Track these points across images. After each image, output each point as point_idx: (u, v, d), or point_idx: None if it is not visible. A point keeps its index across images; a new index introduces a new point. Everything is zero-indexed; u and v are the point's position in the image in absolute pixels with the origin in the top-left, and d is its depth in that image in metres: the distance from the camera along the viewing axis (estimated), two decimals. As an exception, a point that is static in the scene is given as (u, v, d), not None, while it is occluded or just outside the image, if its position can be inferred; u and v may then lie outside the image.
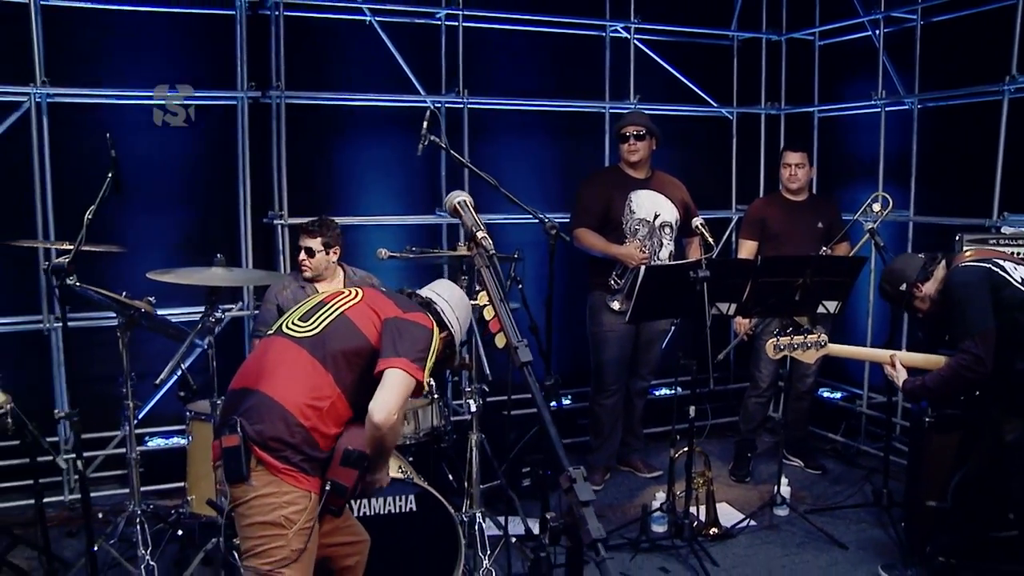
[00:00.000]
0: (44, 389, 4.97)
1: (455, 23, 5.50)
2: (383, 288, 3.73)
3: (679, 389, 5.06)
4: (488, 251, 2.30)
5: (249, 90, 5.15)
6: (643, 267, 4.46)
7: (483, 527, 4.13)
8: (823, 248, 5.13)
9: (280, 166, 5.15)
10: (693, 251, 5.38)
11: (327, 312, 2.92)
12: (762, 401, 5.64)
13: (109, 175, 3.68)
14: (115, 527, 4.12)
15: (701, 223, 4.51)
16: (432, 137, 3.93)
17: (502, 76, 5.85)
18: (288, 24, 5.13)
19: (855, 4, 5.89)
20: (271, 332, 3.02)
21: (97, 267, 4.54)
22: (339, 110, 5.47)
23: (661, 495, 4.72)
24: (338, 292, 3.05)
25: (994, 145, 5.05)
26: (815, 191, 5.94)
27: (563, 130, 6.09)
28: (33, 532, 4.22)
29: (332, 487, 2.73)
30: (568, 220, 5.25)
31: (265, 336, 3.06)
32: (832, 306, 4.62)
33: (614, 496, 5.29)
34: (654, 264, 5.02)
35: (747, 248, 5.52)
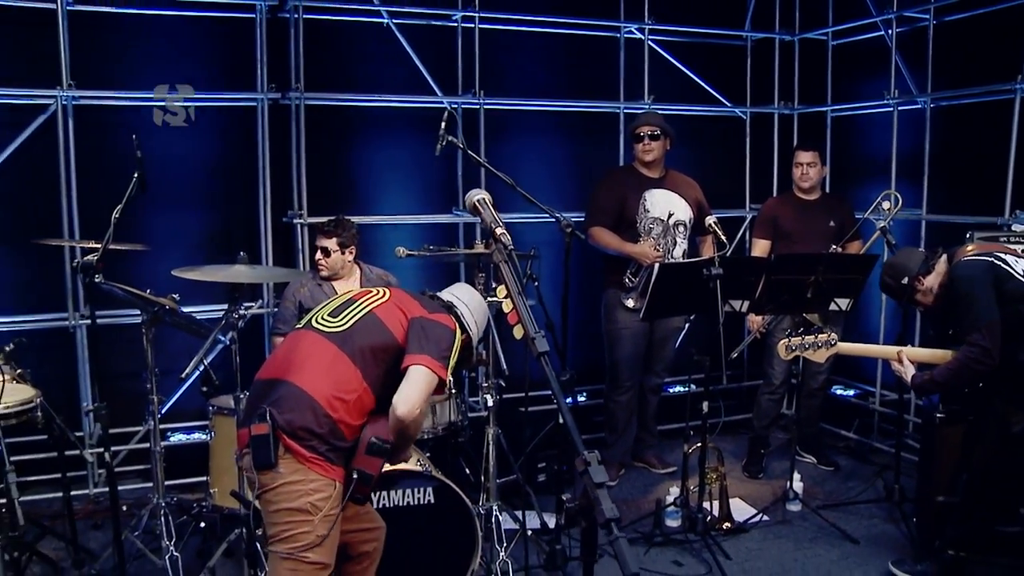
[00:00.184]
0: (68, 386, 5.06)
1: (471, 25, 5.57)
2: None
3: (693, 387, 5.11)
4: (507, 246, 2.37)
5: (269, 92, 5.22)
6: (657, 265, 4.53)
7: (499, 520, 4.18)
8: (833, 246, 5.15)
9: (299, 166, 5.22)
10: (706, 249, 5.40)
11: (357, 309, 3.02)
12: (775, 398, 5.68)
13: (135, 175, 3.75)
14: (139, 519, 4.23)
15: (714, 221, 4.54)
16: (450, 137, 4.00)
17: (518, 77, 5.91)
18: (307, 27, 5.20)
19: (868, 4, 5.92)
20: (300, 326, 3.11)
21: (120, 265, 4.60)
22: (357, 111, 5.53)
23: (675, 490, 4.77)
24: (367, 291, 3.15)
25: (1006, 143, 5.07)
26: (828, 190, 5.97)
27: (578, 130, 6.14)
28: (61, 524, 4.33)
29: (359, 475, 2.81)
30: (583, 219, 5.29)
31: (294, 330, 3.15)
32: (844, 303, 4.66)
33: (628, 491, 5.34)
34: (668, 262, 5.07)
35: (760, 247, 5.55)
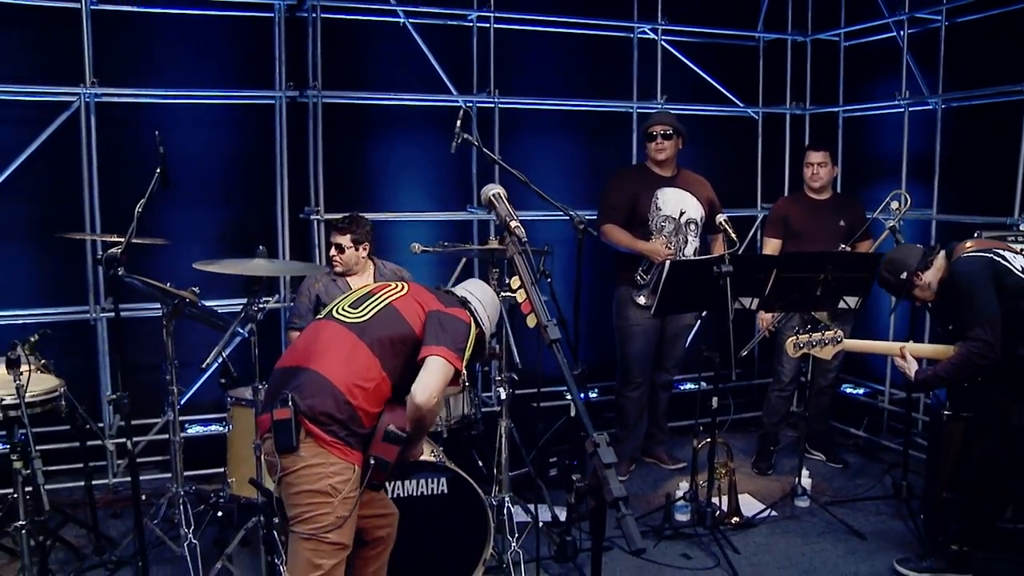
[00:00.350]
0: (88, 378, 5.14)
1: (486, 24, 5.63)
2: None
3: (703, 384, 5.15)
4: (521, 239, 2.43)
5: (287, 90, 5.30)
6: (668, 262, 4.59)
7: (511, 512, 4.24)
8: (842, 246, 5.19)
9: (316, 163, 5.30)
10: (718, 247, 5.44)
11: (376, 301, 3.11)
12: (785, 395, 5.72)
13: (158, 171, 3.82)
14: (158, 508, 4.33)
15: (725, 219, 4.59)
16: (465, 135, 4.05)
17: (532, 76, 5.96)
18: (325, 26, 5.27)
19: (880, 5, 5.95)
20: (321, 316, 3.21)
21: (141, 259, 4.66)
22: (374, 109, 5.60)
23: (684, 485, 4.82)
24: (386, 284, 3.25)
25: (1016, 144, 5.09)
26: (839, 190, 6.01)
27: (591, 129, 6.19)
28: (83, 512, 4.44)
29: (375, 462, 2.89)
30: (596, 216, 5.34)
31: (315, 320, 3.25)
32: (852, 301, 4.70)
33: (639, 486, 5.39)
34: (678, 259, 5.12)
35: (771, 246, 5.59)
